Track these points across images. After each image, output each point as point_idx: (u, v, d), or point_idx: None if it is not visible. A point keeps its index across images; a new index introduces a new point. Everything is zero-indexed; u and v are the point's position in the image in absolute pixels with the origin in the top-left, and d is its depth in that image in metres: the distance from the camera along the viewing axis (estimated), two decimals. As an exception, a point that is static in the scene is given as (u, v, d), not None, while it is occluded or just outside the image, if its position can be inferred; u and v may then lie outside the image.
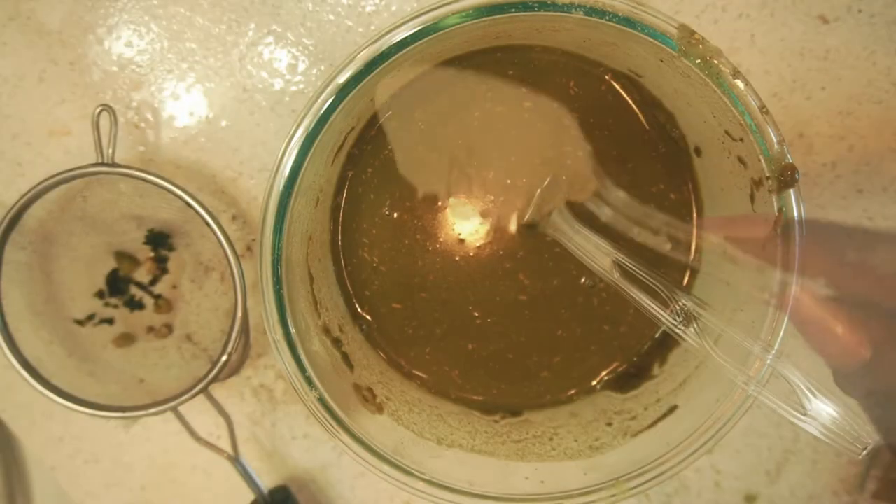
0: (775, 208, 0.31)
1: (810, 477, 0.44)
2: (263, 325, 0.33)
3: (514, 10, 0.31)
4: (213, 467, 0.45)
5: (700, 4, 0.40)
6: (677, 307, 0.33)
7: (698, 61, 0.31)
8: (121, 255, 0.42)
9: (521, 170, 0.38)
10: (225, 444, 0.41)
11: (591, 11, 0.31)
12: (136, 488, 0.45)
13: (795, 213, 0.31)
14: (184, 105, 0.42)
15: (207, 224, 0.37)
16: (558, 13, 0.31)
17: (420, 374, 0.41)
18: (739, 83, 0.31)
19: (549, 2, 0.31)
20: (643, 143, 0.39)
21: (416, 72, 0.38)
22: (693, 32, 0.30)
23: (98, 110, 0.37)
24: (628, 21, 0.31)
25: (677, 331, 0.33)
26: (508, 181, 0.38)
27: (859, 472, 0.43)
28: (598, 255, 0.35)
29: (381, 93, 0.38)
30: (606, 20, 0.31)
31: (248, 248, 0.43)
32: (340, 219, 0.40)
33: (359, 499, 0.45)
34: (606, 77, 0.38)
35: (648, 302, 0.33)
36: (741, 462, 0.44)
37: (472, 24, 0.32)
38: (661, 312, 0.33)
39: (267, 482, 0.44)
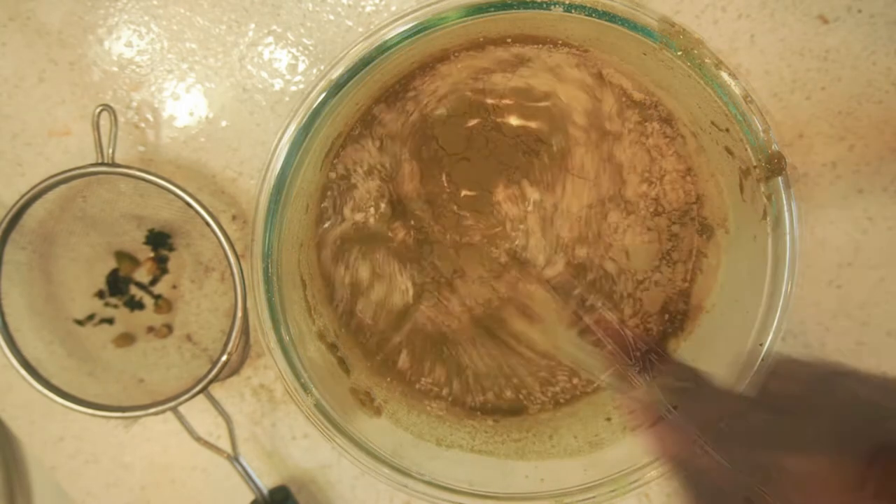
0: (763, 196, 0.31)
1: (810, 477, 0.44)
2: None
3: (493, 9, 0.31)
4: (213, 467, 0.45)
5: (700, 4, 0.40)
6: (638, 353, 0.33)
7: (680, 52, 0.31)
8: (121, 255, 0.42)
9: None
10: (225, 444, 0.41)
11: (571, 7, 0.31)
12: (136, 488, 0.45)
13: (784, 201, 0.31)
14: (184, 105, 0.42)
15: (207, 224, 0.37)
16: (538, 11, 0.31)
17: (421, 386, 0.41)
18: (723, 73, 0.30)
19: (528, 0, 0.31)
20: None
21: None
22: (673, 24, 0.30)
23: (98, 110, 0.37)
24: (607, 15, 0.31)
25: (629, 373, 0.33)
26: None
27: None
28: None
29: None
30: (585, 16, 0.31)
31: (248, 248, 0.43)
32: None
33: (359, 499, 0.45)
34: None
35: (610, 342, 0.33)
36: (741, 462, 0.44)
37: (454, 25, 0.32)
38: (620, 353, 0.33)
39: (267, 482, 0.44)
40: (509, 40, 0.37)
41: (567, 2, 0.31)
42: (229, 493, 0.45)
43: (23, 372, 0.38)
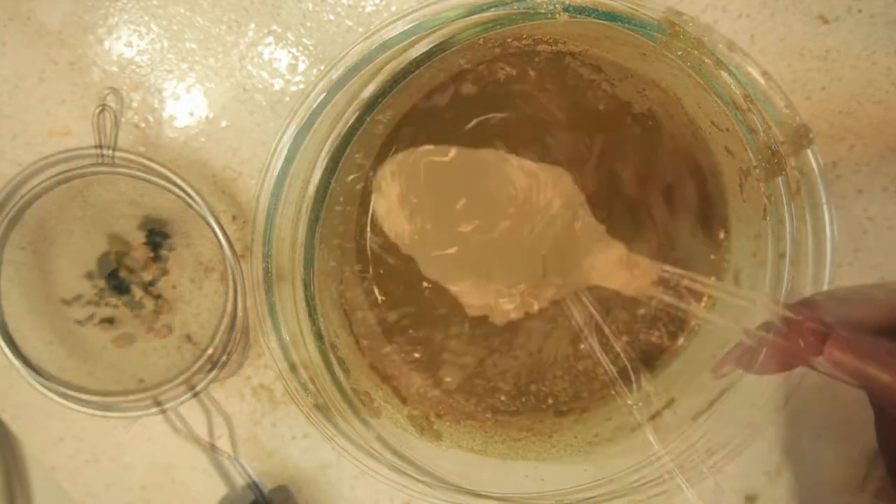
0: (763, 196, 0.31)
1: (810, 477, 0.44)
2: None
3: (493, 9, 0.31)
4: (213, 467, 0.45)
5: (700, 4, 0.40)
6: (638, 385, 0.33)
7: (680, 52, 0.31)
8: (120, 255, 0.42)
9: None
10: (225, 444, 0.41)
11: (570, 8, 0.31)
12: (136, 488, 0.45)
13: (784, 201, 0.31)
14: (184, 105, 0.42)
15: (207, 224, 0.37)
16: (538, 11, 0.31)
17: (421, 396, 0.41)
18: (723, 73, 0.30)
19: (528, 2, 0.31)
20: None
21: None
22: (673, 24, 0.30)
23: (98, 110, 0.37)
24: (608, 15, 0.31)
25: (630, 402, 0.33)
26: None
27: (859, 472, 0.43)
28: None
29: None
30: (586, 17, 0.31)
31: (248, 248, 0.43)
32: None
33: (359, 499, 0.45)
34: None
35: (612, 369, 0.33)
36: (741, 462, 0.44)
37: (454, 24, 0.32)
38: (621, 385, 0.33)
39: (267, 482, 0.44)
40: (510, 40, 0.37)
41: (568, 2, 0.31)
42: (229, 493, 0.45)
43: (23, 372, 0.38)
